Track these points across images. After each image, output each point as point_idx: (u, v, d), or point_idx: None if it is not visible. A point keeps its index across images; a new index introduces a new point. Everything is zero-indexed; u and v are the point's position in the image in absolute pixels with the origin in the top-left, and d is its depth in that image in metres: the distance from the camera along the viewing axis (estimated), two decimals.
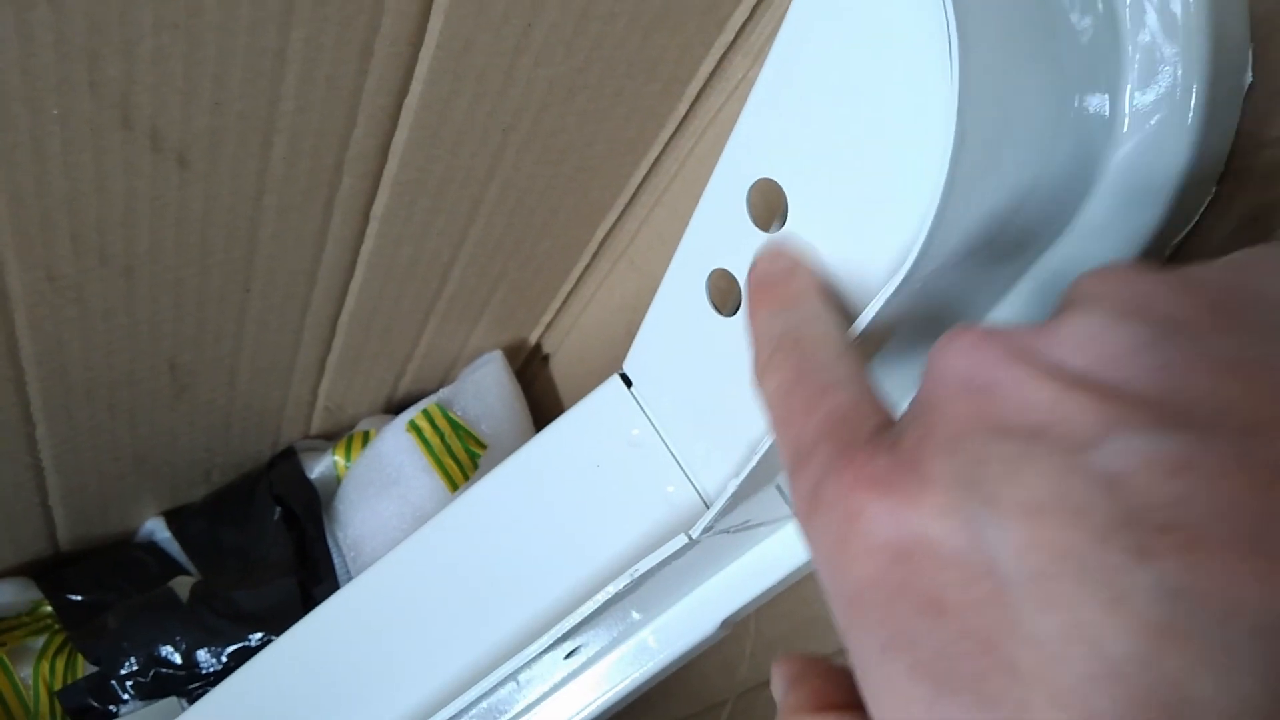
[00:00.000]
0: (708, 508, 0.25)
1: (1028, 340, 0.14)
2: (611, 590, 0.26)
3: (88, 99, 0.25)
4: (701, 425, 0.26)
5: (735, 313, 0.24)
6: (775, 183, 0.21)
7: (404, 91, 0.30)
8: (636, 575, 0.25)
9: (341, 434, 0.48)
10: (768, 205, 0.22)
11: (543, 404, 0.49)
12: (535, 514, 0.29)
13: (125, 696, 0.37)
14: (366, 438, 0.45)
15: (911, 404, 0.15)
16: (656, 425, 0.27)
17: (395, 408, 0.48)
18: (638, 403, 0.28)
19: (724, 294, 0.24)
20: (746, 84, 0.33)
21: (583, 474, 0.28)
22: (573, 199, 0.38)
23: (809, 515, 0.16)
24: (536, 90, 0.32)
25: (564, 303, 0.45)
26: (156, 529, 0.46)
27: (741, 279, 0.22)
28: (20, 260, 0.29)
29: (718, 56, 0.33)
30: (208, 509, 0.46)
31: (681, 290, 0.25)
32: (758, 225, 0.22)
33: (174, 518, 0.46)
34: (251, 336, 0.38)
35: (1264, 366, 0.13)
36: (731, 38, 0.33)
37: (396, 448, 0.41)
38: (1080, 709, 0.12)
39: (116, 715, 0.37)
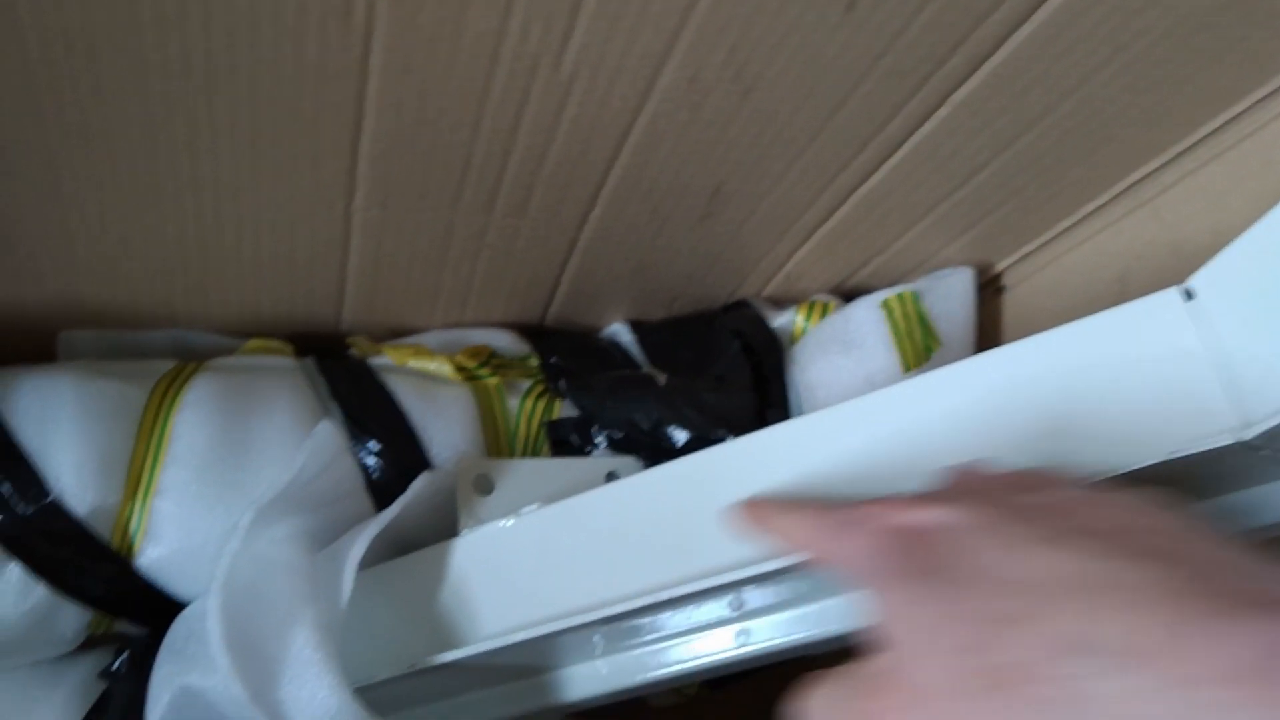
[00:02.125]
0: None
1: None
2: (1136, 465, 0.28)
3: None
4: (1265, 353, 0.27)
5: None
6: None
7: None
8: (1175, 456, 0.27)
9: (787, 301, 0.53)
10: None
11: (981, 332, 0.51)
12: (1038, 395, 0.31)
13: (599, 442, 0.44)
14: (826, 308, 0.49)
15: None
16: (1214, 342, 0.28)
17: (844, 293, 0.52)
18: (1197, 317, 0.29)
19: None
20: None
21: (1114, 369, 0.30)
22: (1130, 134, 0.39)
23: None
24: (1168, 17, 0.33)
25: (1054, 237, 0.46)
26: (620, 332, 0.53)
27: None
28: (687, 57, 0.34)
29: None
30: (669, 327, 0.52)
31: None
32: None
33: (636, 327, 0.53)
34: (787, 184, 0.43)
35: None
36: None
37: (866, 318, 0.45)
38: None
39: (589, 453, 0.44)
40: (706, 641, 0.38)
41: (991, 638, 0.21)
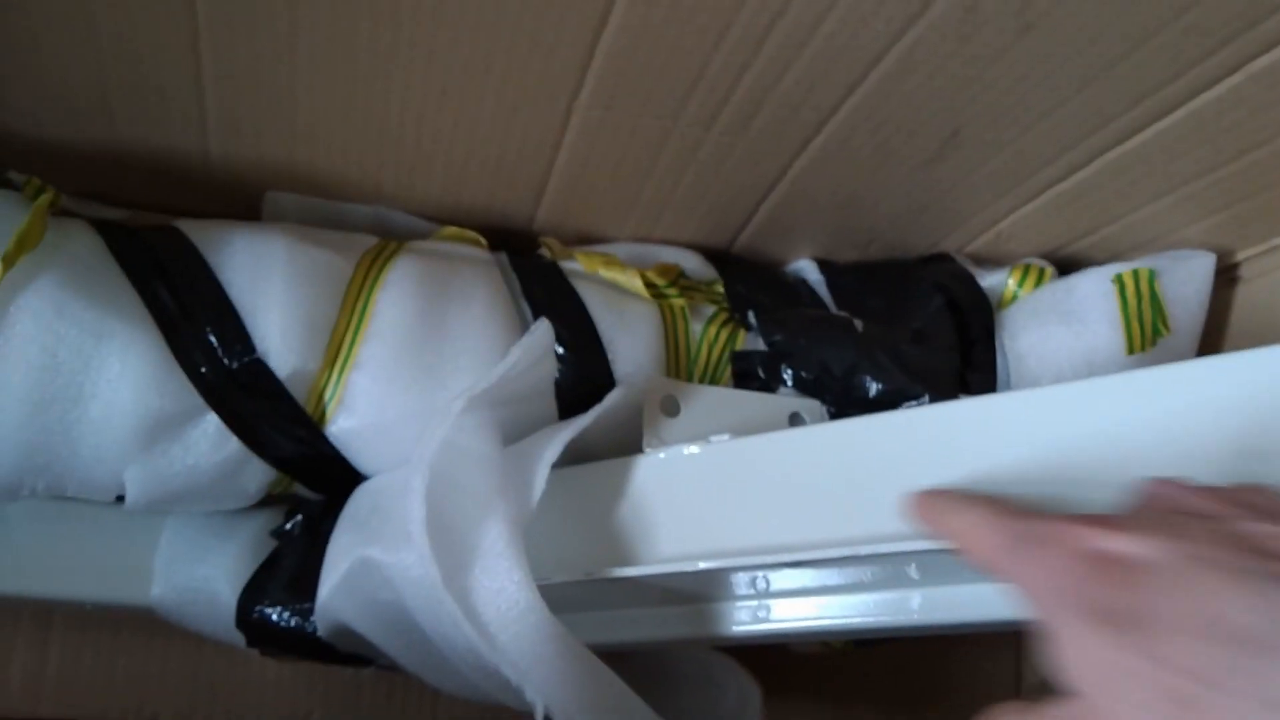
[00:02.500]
0: None
1: None
2: None
3: None
4: None
5: None
6: None
7: None
8: None
9: (990, 261, 0.50)
10: None
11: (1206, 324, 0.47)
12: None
13: (786, 380, 0.42)
14: (1043, 275, 0.46)
15: None
16: None
17: (1056, 261, 0.49)
18: None
19: None
20: None
21: None
22: None
23: None
24: None
25: None
26: (807, 269, 0.51)
27: None
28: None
29: None
30: (860, 270, 0.50)
31: None
32: None
33: (825, 266, 0.50)
34: (1034, 136, 0.40)
35: None
36: None
37: (1094, 291, 0.42)
38: None
39: (774, 390, 0.43)
40: (872, 603, 0.36)
41: (1199, 697, 0.19)
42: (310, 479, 0.41)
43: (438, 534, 0.30)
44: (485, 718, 0.47)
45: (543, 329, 0.34)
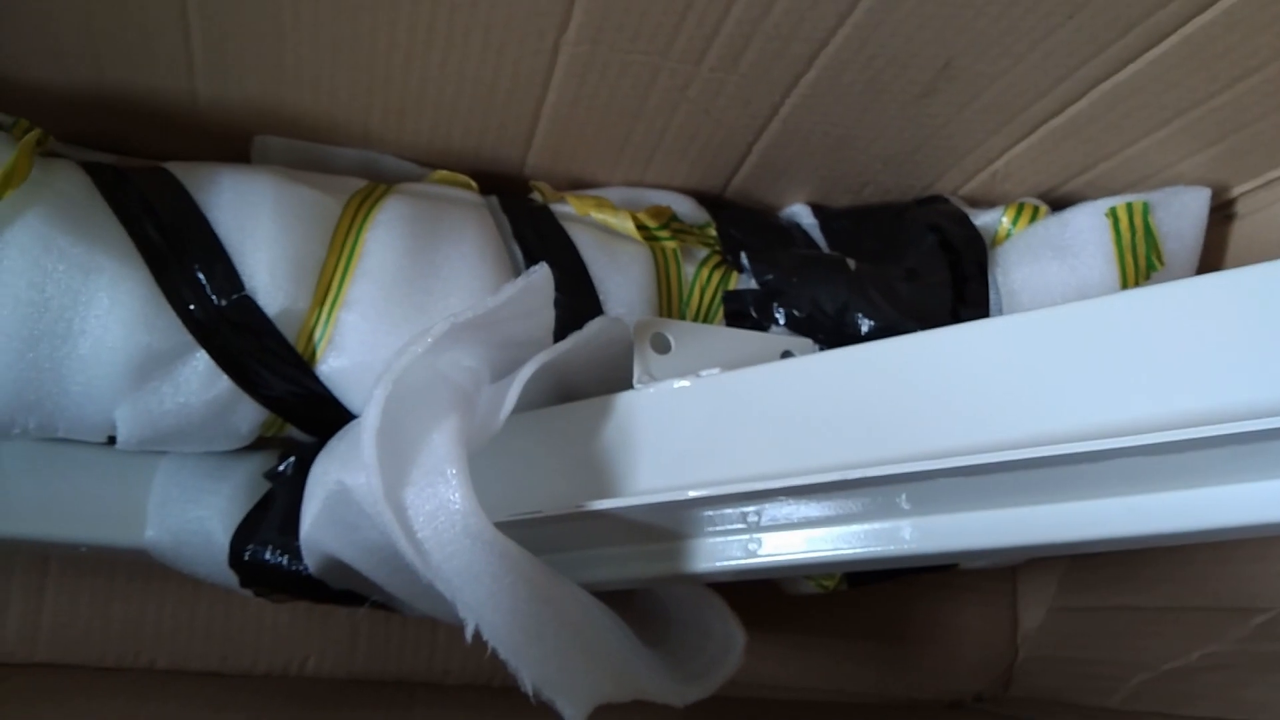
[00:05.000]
0: None
1: None
2: None
3: None
4: None
5: None
6: None
7: None
8: None
9: (986, 204, 0.49)
10: None
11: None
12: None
13: (778, 319, 0.42)
14: (1037, 213, 0.45)
15: None
16: None
17: (1052, 202, 0.48)
18: None
19: None
20: None
21: None
22: None
23: None
24: None
25: None
26: (801, 213, 0.50)
27: None
28: None
29: None
30: (854, 214, 0.49)
31: None
32: None
33: (818, 210, 0.50)
34: (1026, 66, 0.39)
35: None
36: None
37: (1088, 225, 0.42)
38: None
39: (765, 329, 0.42)
40: (864, 534, 0.36)
41: None
42: (302, 420, 0.40)
43: (386, 445, 0.30)
44: (481, 651, 0.47)
45: (543, 275, 0.34)
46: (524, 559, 0.30)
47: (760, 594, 0.46)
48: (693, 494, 0.34)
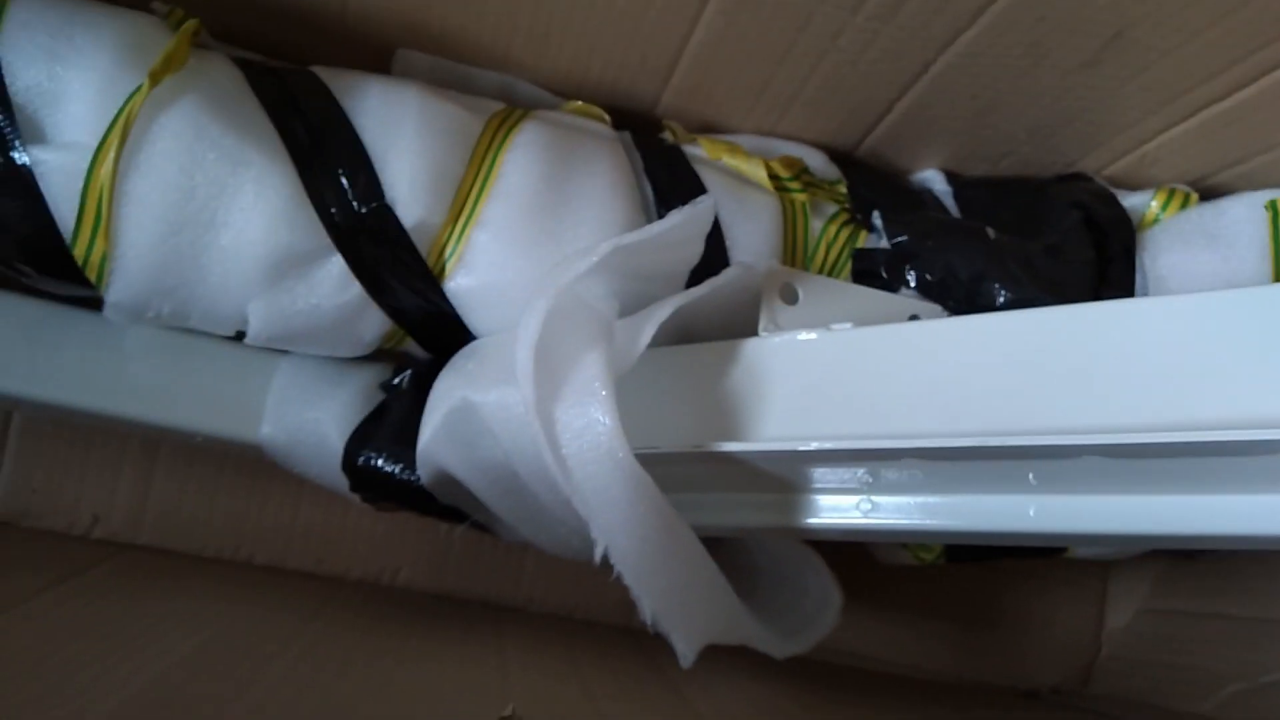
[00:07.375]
0: None
1: None
2: None
3: None
4: None
5: None
6: None
7: None
8: None
9: (1130, 188, 0.48)
10: None
11: None
12: None
13: (909, 281, 0.41)
14: (1188, 199, 0.44)
15: None
16: None
17: (1200, 191, 0.46)
18: None
19: None
20: None
21: None
22: None
23: None
24: None
25: None
26: (934, 179, 0.49)
27: None
28: None
29: None
30: (990, 184, 0.48)
31: None
32: None
33: (953, 178, 0.49)
34: (1200, 44, 0.38)
35: None
36: None
37: (1245, 216, 0.40)
38: None
39: (894, 290, 0.42)
40: (988, 506, 0.35)
41: None
42: (423, 335, 0.41)
43: (541, 359, 0.30)
44: (569, 584, 0.48)
45: (708, 205, 0.33)
46: (656, 491, 0.30)
47: (847, 560, 0.45)
48: (816, 445, 0.33)
